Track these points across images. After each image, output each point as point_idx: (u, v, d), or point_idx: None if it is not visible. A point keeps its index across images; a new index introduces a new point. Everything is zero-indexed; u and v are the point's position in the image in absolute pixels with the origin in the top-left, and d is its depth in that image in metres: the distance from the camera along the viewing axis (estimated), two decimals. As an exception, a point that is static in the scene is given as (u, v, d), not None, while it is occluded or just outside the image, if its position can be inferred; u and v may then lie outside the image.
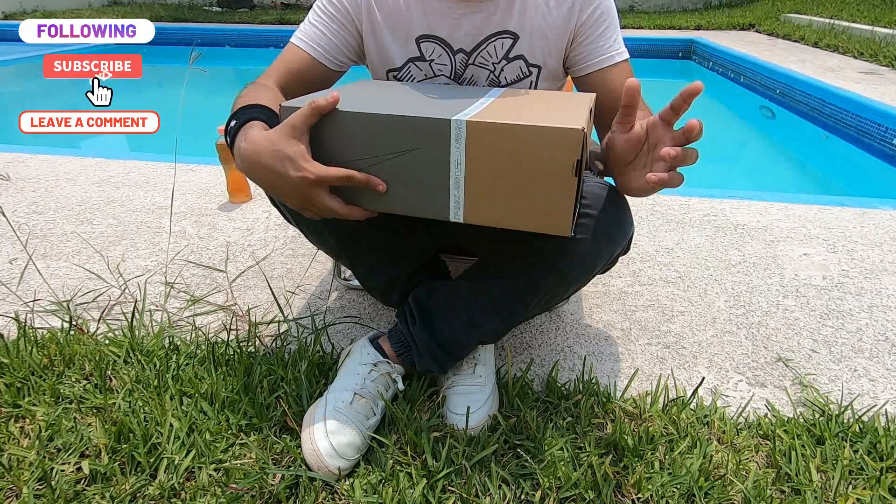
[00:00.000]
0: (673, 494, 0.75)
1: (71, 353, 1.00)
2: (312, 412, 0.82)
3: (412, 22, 0.86)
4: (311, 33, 0.88)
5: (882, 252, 1.46)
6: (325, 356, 1.01)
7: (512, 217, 0.66)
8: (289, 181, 0.65)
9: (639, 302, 1.25)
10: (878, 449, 0.82)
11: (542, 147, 0.60)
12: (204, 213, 1.70)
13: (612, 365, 1.04)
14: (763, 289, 1.30)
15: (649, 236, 1.56)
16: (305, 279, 1.33)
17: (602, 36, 0.86)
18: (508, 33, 0.86)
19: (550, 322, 1.17)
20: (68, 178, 2.00)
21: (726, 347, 1.09)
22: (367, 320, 1.18)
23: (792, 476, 0.78)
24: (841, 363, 1.05)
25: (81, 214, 1.69)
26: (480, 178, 0.64)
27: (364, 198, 0.70)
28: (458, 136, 0.63)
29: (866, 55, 4.40)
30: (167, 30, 7.09)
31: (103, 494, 0.74)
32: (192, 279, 1.33)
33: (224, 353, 1.00)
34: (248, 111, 0.73)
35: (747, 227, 1.61)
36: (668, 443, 0.83)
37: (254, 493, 0.74)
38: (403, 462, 0.79)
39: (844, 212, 1.72)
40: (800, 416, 0.90)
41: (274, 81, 0.86)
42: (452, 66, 0.89)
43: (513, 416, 0.88)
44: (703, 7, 8.48)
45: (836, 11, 6.31)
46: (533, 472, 0.78)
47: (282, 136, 0.65)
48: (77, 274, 1.35)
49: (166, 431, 0.83)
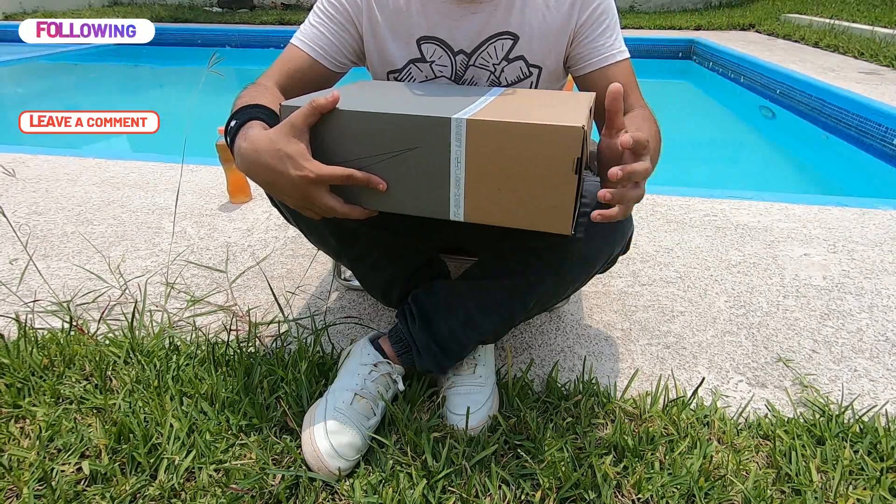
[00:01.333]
0: (673, 495, 0.75)
1: (71, 353, 1.00)
2: (312, 412, 0.82)
3: (413, 23, 0.86)
4: (312, 34, 0.88)
5: (882, 252, 1.46)
6: (325, 356, 1.01)
7: (512, 215, 0.66)
8: (289, 180, 0.65)
9: (639, 302, 1.25)
10: (879, 449, 0.82)
11: (543, 145, 0.60)
12: (204, 214, 1.70)
13: (612, 365, 1.04)
14: (763, 289, 1.30)
15: (649, 236, 1.56)
16: (305, 280, 1.33)
17: (602, 35, 0.86)
18: (509, 34, 0.86)
19: (550, 322, 1.17)
20: (69, 178, 2.00)
21: (726, 348, 1.09)
22: (367, 321, 1.18)
23: (792, 476, 0.78)
24: (841, 363, 1.05)
25: (82, 215, 1.69)
26: (481, 177, 0.64)
27: (364, 197, 0.70)
28: (459, 135, 0.63)
29: (866, 55, 4.39)
30: (168, 30, 7.10)
31: (103, 495, 0.74)
32: (192, 279, 1.33)
33: (224, 354, 1.00)
34: (248, 111, 0.73)
35: (747, 228, 1.61)
36: (668, 443, 0.83)
37: (254, 493, 0.74)
38: (403, 462, 0.79)
39: (845, 212, 1.72)
40: (800, 416, 0.90)
41: (274, 82, 0.86)
42: (453, 68, 0.89)
43: (513, 417, 0.88)
44: (703, 7, 8.48)
45: (836, 11, 6.30)
46: (533, 473, 0.78)
47: (282, 135, 0.65)
48: (77, 274, 1.35)
49: (166, 432, 0.83)
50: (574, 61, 0.88)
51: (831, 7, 6.73)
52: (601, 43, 0.86)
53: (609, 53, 0.86)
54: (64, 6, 9.31)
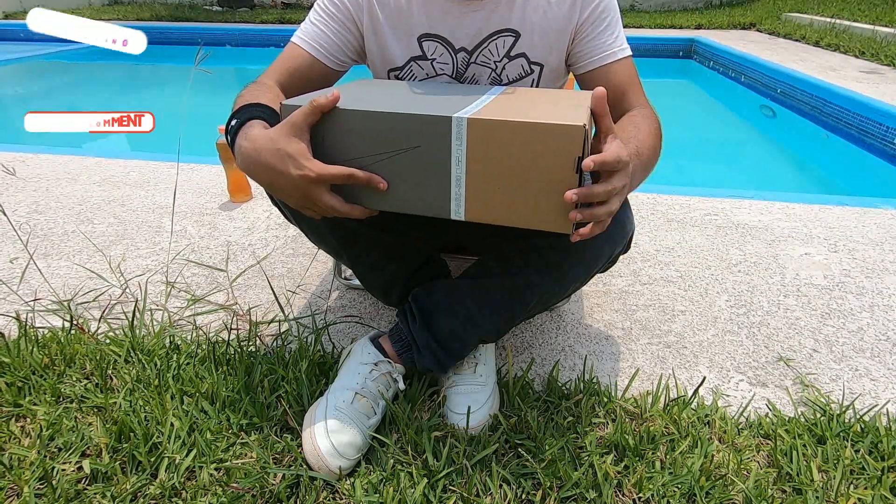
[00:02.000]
0: (674, 494, 0.75)
1: (72, 352, 1.00)
2: (313, 411, 0.82)
3: (414, 21, 0.86)
4: (312, 32, 0.88)
5: (883, 251, 1.46)
6: (325, 356, 1.01)
7: (513, 214, 0.66)
8: (289, 179, 0.65)
9: (639, 301, 1.25)
10: (880, 449, 0.82)
11: (544, 144, 0.60)
12: (204, 213, 1.70)
13: (612, 364, 1.04)
14: (764, 288, 1.30)
15: (650, 235, 1.56)
16: (306, 279, 1.33)
17: (604, 32, 0.86)
18: (510, 31, 0.85)
19: (551, 321, 1.17)
20: (69, 177, 2.00)
21: (727, 347, 1.09)
22: (367, 320, 1.18)
23: (793, 476, 0.78)
24: (842, 363, 1.05)
25: (82, 214, 1.69)
26: (481, 176, 0.64)
27: (365, 196, 0.69)
28: (460, 134, 0.62)
29: (867, 54, 4.39)
30: (168, 29, 7.10)
31: (104, 494, 0.74)
32: (192, 278, 1.33)
33: (225, 353, 1.00)
34: (248, 110, 0.73)
35: (748, 227, 1.61)
36: (669, 442, 0.83)
37: (255, 492, 0.74)
38: (404, 461, 0.79)
39: (845, 211, 1.72)
40: (801, 415, 0.90)
41: (275, 81, 0.86)
42: (454, 65, 0.89)
43: (513, 416, 0.88)
44: (704, 6, 8.47)
45: (837, 10, 6.30)
46: (534, 472, 0.78)
47: (283, 135, 0.65)
48: (78, 273, 1.35)
49: (167, 431, 0.83)
50: (575, 59, 0.88)
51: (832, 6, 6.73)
52: (602, 41, 0.86)
53: (610, 51, 0.86)
54: (64, 5, 9.31)
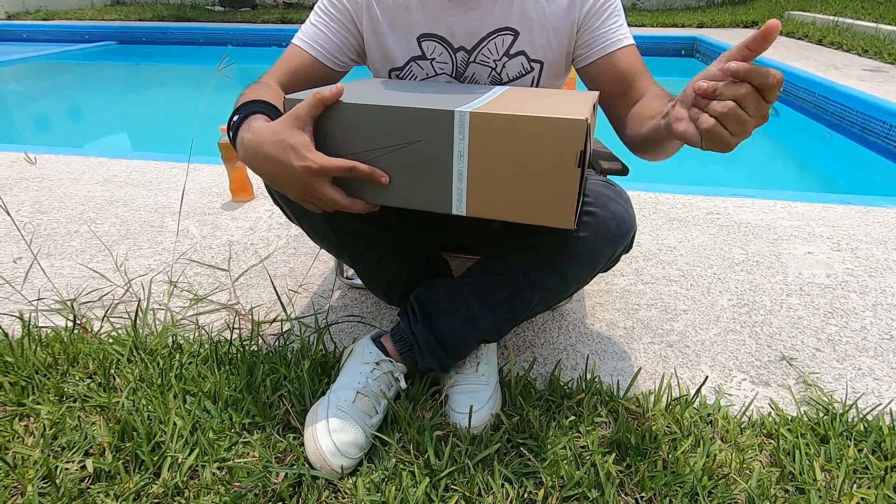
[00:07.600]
0: (676, 493, 0.75)
1: (75, 351, 1.01)
2: (315, 411, 0.83)
3: (413, 20, 0.86)
4: (313, 34, 0.89)
5: (886, 250, 1.46)
6: (327, 355, 1.02)
7: (515, 209, 0.65)
8: (292, 171, 0.65)
9: (641, 300, 1.25)
10: (883, 448, 0.82)
11: (546, 138, 0.60)
12: (207, 213, 1.70)
13: (614, 364, 1.04)
14: (766, 287, 1.29)
15: (652, 234, 1.55)
16: (308, 278, 1.34)
17: (607, 21, 0.85)
18: (508, 30, 0.85)
19: (553, 321, 1.17)
20: (72, 177, 2.00)
21: (730, 346, 1.09)
22: (369, 319, 1.18)
23: (796, 475, 0.78)
24: (845, 362, 1.04)
25: (85, 213, 1.69)
26: (483, 170, 0.64)
27: (366, 190, 0.69)
28: (462, 128, 0.63)
29: (870, 52, 4.37)
30: (169, 29, 7.11)
31: (107, 492, 0.74)
32: (195, 278, 1.33)
33: (227, 352, 1.00)
34: (251, 106, 0.73)
35: (751, 226, 1.61)
36: (671, 442, 0.83)
37: (257, 491, 0.75)
38: (406, 461, 0.79)
39: (848, 210, 1.71)
40: (804, 414, 0.90)
41: (276, 81, 0.87)
42: (454, 65, 0.89)
43: (515, 415, 0.88)
44: (706, 5, 8.45)
45: (840, 9, 6.28)
46: (536, 471, 0.78)
47: (286, 126, 0.65)
48: (81, 273, 1.35)
49: (170, 430, 0.83)
50: (579, 52, 0.88)
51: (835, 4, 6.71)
52: (605, 29, 0.85)
53: (615, 38, 0.85)
54: (66, 5, 9.33)
